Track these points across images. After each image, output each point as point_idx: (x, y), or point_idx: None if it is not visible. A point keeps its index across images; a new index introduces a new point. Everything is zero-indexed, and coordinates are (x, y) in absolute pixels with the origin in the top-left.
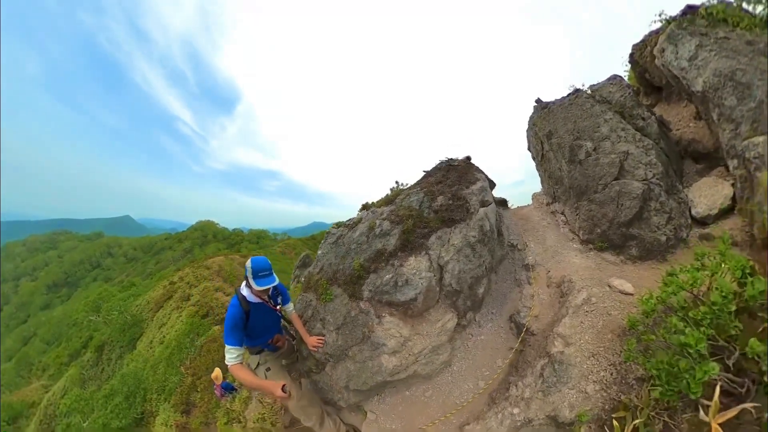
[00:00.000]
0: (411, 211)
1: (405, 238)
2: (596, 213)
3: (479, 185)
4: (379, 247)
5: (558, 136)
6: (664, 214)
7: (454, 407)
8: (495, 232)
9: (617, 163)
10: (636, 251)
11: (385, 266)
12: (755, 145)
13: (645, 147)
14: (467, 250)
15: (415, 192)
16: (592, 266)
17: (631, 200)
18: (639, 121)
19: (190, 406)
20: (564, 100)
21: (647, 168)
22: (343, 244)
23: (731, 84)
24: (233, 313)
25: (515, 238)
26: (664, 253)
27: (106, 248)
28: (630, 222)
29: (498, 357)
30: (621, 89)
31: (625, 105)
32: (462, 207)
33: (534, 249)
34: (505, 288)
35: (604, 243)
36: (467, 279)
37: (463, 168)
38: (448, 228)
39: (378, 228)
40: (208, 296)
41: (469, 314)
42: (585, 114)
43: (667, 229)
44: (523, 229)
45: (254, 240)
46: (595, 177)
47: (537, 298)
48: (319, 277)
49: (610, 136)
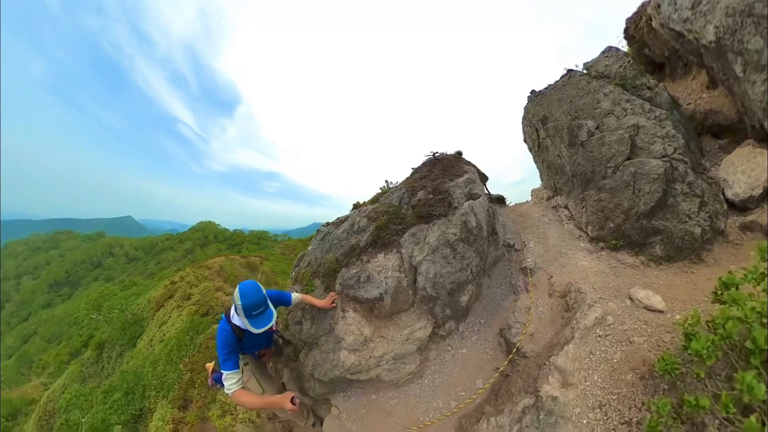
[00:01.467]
0: (389, 208)
1: (377, 234)
2: (607, 203)
3: (466, 177)
4: (353, 242)
5: (554, 119)
6: (695, 198)
7: (416, 423)
8: (484, 229)
9: (627, 140)
10: (661, 249)
11: (355, 261)
12: None
13: (657, 118)
14: (445, 250)
15: (399, 189)
16: (605, 271)
17: (650, 183)
18: (645, 91)
19: (188, 402)
20: (557, 83)
21: (665, 141)
22: (328, 240)
23: (752, 21)
24: (226, 338)
25: (512, 237)
26: (698, 250)
27: (108, 248)
28: (652, 211)
29: (479, 377)
30: (618, 60)
31: (626, 76)
32: (443, 201)
33: (534, 249)
34: (498, 295)
35: (620, 240)
36: (446, 284)
37: (450, 161)
38: (425, 224)
39: (357, 225)
40: (209, 295)
41: (450, 324)
42: (581, 92)
43: (701, 218)
44: (522, 227)
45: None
46: (602, 159)
47: (535, 310)
48: (305, 271)
49: (613, 110)
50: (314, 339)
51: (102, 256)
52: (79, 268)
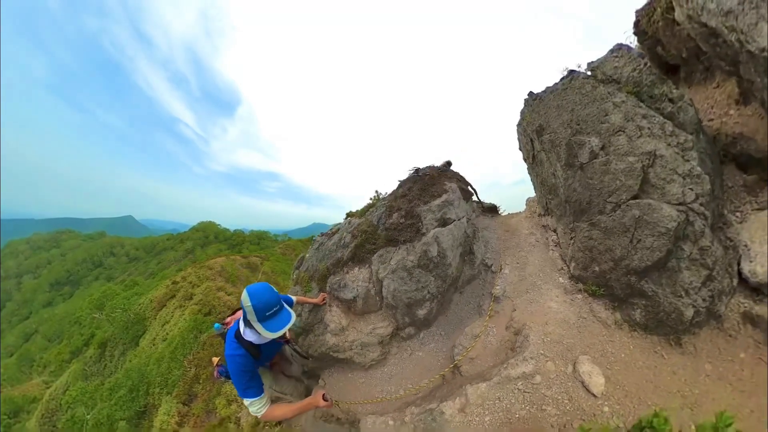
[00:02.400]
0: (369, 227)
1: (355, 252)
2: (598, 244)
3: (443, 199)
4: (339, 256)
5: (551, 130)
6: (702, 270)
7: (372, 398)
8: (448, 257)
9: (638, 171)
10: (641, 316)
11: (339, 271)
12: None
13: (681, 146)
14: (403, 273)
15: (381, 206)
16: (570, 321)
17: (655, 237)
18: (665, 104)
19: (192, 397)
20: (556, 86)
21: (687, 183)
22: (322, 250)
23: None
24: (243, 363)
25: (492, 256)
26: (680, 333)
27: (109, 248)
28: (646, 270)
29: (426, 377)
30: (631, 61)
31: (641, 83)
32: (412, 226)
33: (507, 276)
34: (464, 313)
35: (600, 288)
36: (403, 298)
37: (431, 179)
38: (392, 247)
39: (343, 240)
40: (210, 295)
41: (409, 329)
42: (585, 99)
43: (699, 296)
44: (505, 246)
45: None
46: (602, 190)
47: (484, 338)
48: (304, 275)
49: (625, 128)
50: (310, 326)
51: (103, 255)
52: (80, 268)
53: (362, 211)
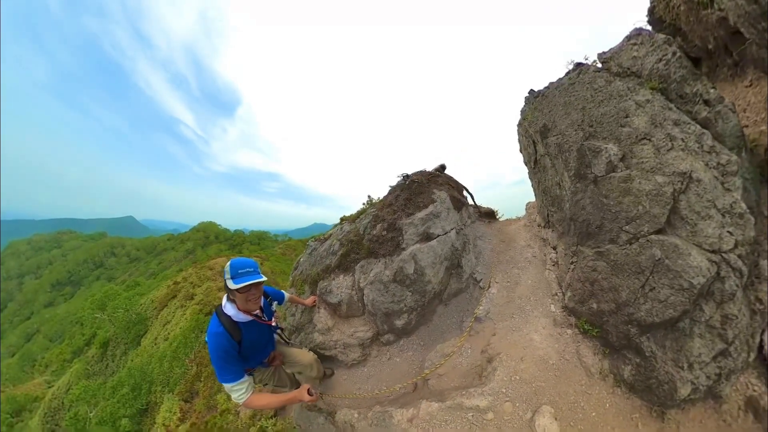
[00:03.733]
0: (356, 236)
1: (341, 260)
2: (602, 278)
3: (428, 211)
4: (328, 262)
5: (558, 132)
6: (718, 343)
7: (351, 393)
8: (425, 274)
9: (668, 198)
10: (630, 374)
11: (327, 277)
12: None
13: (723, 168)
14: (379, 285)
15: (369, 214)
16: (549, 361)
17: (674, 291)
18: (699, 106)
19: (193, 394)
20: (562, 81)
21: (727, 222)
22: (314, 256)
23: None
24: (220, 344)
25: (482, 270)
26: (667, 407)
27: (110, 248)
28: (651, 326)
29: (400, 382)
30: (656, 49)
31: (668, 77)
32: (392, 240)
33: (494, 296)
34: (446, 326)
35: (594, 329)
36: (381, 308)
37: (419, 186)
38: (373, 259)
39: (332, 247)
40: (212, 295)
41: (389, 336)
42: (599, 95)
43: (701, 374)
44: (498, 259)
45: (255, 241)
46: (619, 214)
47: (455, 358)
48: (299, 278)
49: (652, 135)
50: (302, 325)
51: (104, 255)
52: (81, 268)
53: (354, 216)
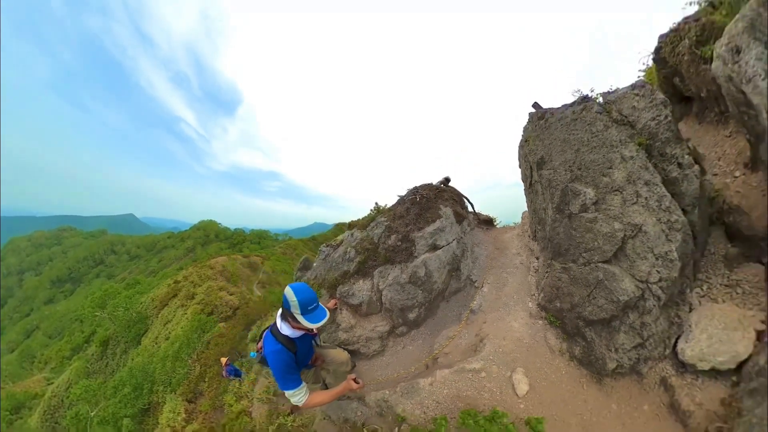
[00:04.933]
0: (371, 245)
1: (359, 267)
2: (564, 285)
3: (435, 226)
4: (346, 268)
5: (551, 167)
6: (636, 338)
7: (374, 380)
8: (433, 276)
9: (618, 241)
10: (579, 353)
11: (347, 281)
12: None
13: (670, 225)
14: (397, 286)
15: (381, 223)
16: (525, 340)
17: (608, 301)
18: (673, 168)
19: (197, 395)
20: (566, 111)
21: (657, 265)
22: (329, 261)
23: None
24: (283, 359)
25: (477, 273)
26: (603, 375)
27: (110, 245)
28: (591, 322)
29: (414, 365)
30: (652, 107)
31: (656, 136)
32: (406, 250)
33: (486, 293)
34: (448, 318)
35: (557, 321)
36: (397, 304)
37: (427, 202)
38: (390, 265)
39: (348, 254)
40: (212, 295)
41: (402, 328)
42: (594, 139)
43: (624, 357)
44: (492, 264)
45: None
46: (580, 244)
47: (456, 340)
48: (314, 282)
49: (624, 189)
50: (324, 326)
51: (104, 253)
52: (81, 265)
53: (363, 223)
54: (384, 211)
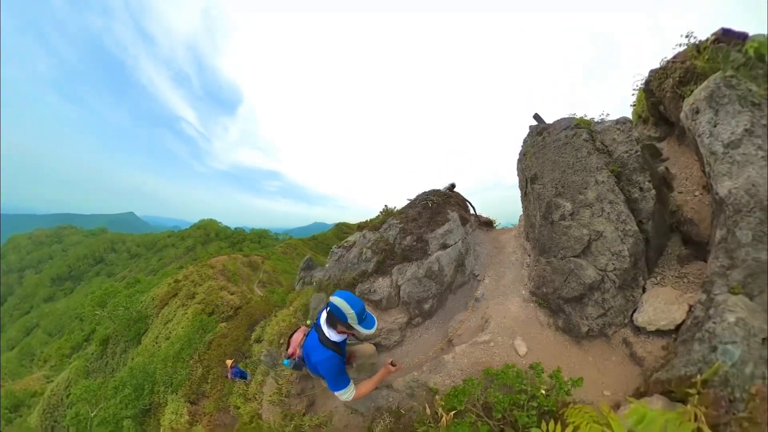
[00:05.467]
0: (387, 245)
1: (378, 266)
2: (547, 275)
3: (445, 228)
4: (364, 268)
5: (541, 183)
6: (600, 310)
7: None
8: (445, 269)
9: (585, 242)
10: (561, 323)
11: (366, 280)
12: (731, 310)
13: (624, 232)
14: (414, 280)
15: (395, 225)
16: (521, 318)
17: (578, 284)
18: (635, 191)
19: (200, 396)
20: (560, 134)
21: (612, 259)
22: (343, 262)
23: (758, 217)
24: (335, 363)
25: (479, 268)
26: (579, 338)
27: (110, 244)
28: (569, 299)
29: (431, 350)
30: (628, 143)
31: (626, 165)
32: (421, 249)
33: (487, 284)
34: (456, 307)
35: (544, 303)
36: (414, 297)
37: (437, 207)
38: (407, 263)
39: (364, 255)
40: (213, 294)
41: (418, 319)
42: (578, 164)
43: (594, 323)
44: (491, 261)
45: (256, 239)
46: (558, 243)
47: (466, 323)
48: (328, 282)
49: (592, 206)
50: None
51: (104, 251)
52: (81, 263)
53: (374, 225)
54: (395, 214)
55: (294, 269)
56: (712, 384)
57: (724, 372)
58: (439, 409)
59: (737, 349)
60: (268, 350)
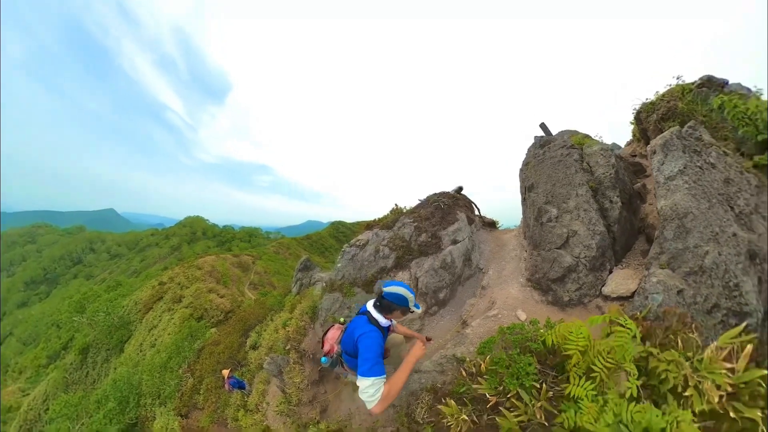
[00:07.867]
0: (403, 242)
1: (397, 261)
2: (539, 264)
3: (455, 227)
4: (382, 265)
5: (536, 192)
6: (576, 284)
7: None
8: (457, 262)
9: (564, 237)
10: (551, 298)
11: (385, 276)
12: (657, 276)
13: (594, 231)
14: (432, 272)
15: (409, 223)
16: (520, 298)
17: (559, 268)
18: (606, 202)
19: (192, 409)
20: (557, 152)
21: (584, 249)
22: (358, 260)
23: (677, 223)
24: (378, 339)
25: (484, 262)
26: (565, 306)
27: (88, 243)
28: (554, 280)
29: (448, 334)
30: (606, 166)
31: (602, 183)
32: (435, 244)
33: (491, 275)
34: (465, 296)
35: (537, 286)
36: (431, 287)
37: (448, 208)
38: (424, 257)
39: (381, 252)
40: (201, 298)
41: (434, 308)
42: (567, 179)
43: (573, 294)
44: (494, 256)
45: (246, 238)
46: (546, 239)
47: (476, 306)
48: (342, 282)
49: (572, 211)
50: None
51: (82, 251)
52: (57, 265)
53: (386, 223)
54: (406, 213)
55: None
56: (648, 317)
57: (654, 310)
58: (472, 368)
59: (660, 296)
60: (271, 357)
